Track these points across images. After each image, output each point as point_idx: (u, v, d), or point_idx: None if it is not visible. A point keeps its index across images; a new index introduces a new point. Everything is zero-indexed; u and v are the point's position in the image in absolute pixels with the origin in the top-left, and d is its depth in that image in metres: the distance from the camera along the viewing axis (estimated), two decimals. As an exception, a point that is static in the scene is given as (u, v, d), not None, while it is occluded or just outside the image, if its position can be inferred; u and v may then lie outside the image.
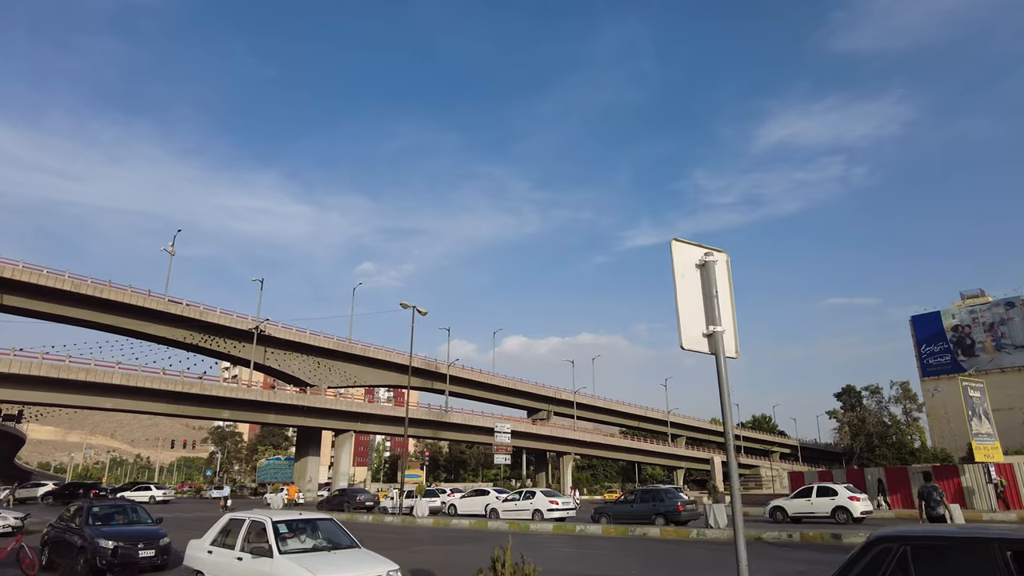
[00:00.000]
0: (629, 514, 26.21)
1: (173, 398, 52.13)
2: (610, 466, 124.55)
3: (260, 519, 10.42)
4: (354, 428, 64.83)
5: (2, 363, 43.56)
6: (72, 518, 16.20)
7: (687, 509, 25.60)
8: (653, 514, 25.42)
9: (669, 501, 25.76)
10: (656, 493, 27.02)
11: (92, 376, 47.42)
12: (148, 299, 54.30)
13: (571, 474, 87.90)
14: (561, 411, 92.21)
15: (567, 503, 30.56)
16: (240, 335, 60.07)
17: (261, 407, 57.40)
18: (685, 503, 25.94)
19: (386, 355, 70.45)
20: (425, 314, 36.53)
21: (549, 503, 29.83)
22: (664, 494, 26.64)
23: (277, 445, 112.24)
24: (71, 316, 52.48)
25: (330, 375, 66.64)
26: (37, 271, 49.15)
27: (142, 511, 16.98)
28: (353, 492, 39.67)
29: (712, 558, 17.06)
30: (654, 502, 26.07)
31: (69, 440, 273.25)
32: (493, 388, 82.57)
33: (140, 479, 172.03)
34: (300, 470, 64.92)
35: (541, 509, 29.58)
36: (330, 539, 10.67)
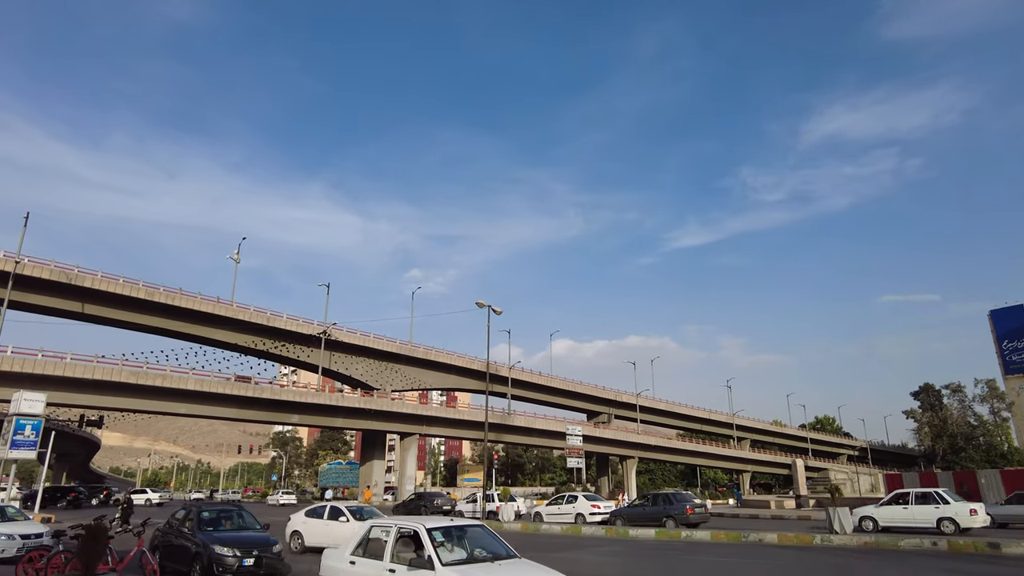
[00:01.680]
0: (642, 516, 27.61)
1: (243, 403, 52.54)
2: (668, 470, 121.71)
3: (412, 526, 9.44)
4: (419, 431, 64.46)
5: (86, 370, 44.52)
6: (182, 523, 15.67)
7: (696, 512, 26.85)
8: (664, 516, 26.64)
9: (679, 504, 27.11)
10: (667, 497, 28.36)
11: (168, 382, 48.09)
12: (217, 305, 55.01)
13: (635, 478, 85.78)
14: (622, 414, 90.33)
15: (608, 506, 31.34)
16: (305, 339, 60.38)
17: (328, 411, 57.44)
18: (694, 506, 27.33)
19: (447, 358, 70.03)
20: (500, 313, 35.57)
21: (591, 507, 30.55)
22: (674, 498, 28.03)
23: (336, 449, 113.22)
24: (145, 324, 53.48)
25: (393, 378, 66.47)
26: (114, 280, 50.25)
27: (248, 516, 16.33)
28: (430, 496, 38.90)
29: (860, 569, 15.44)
30: (665, 505, 27.50)
31: (135, 446, 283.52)
32: (553, 391, 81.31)
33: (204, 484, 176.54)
34: (365, 474, 64.84)
35: (583, 513, 30.27)
36: (486, 548, 9.62)
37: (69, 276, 47.85)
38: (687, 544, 21.82)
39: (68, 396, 45.53)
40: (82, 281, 48.50)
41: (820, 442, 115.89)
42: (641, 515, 27.72)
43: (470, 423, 66.99)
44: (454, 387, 73.39)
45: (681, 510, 26.61)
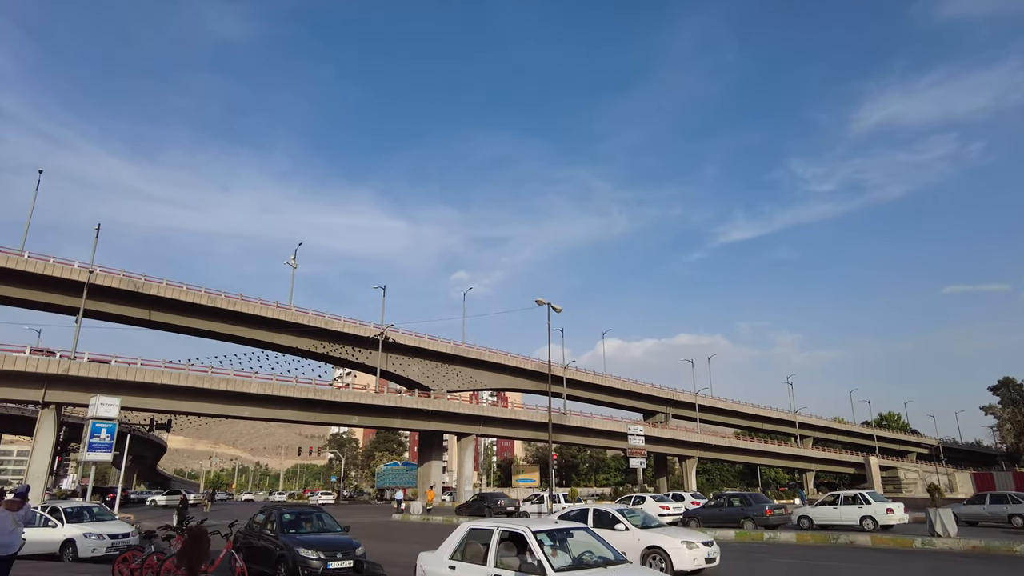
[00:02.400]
0: (718, 518, 26.65)
1: (306, 405, 53.32)
2: (727, 470, 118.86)
3: (516, 528, 8.96)
4: (475, 432, 64.40)
5: (155, 375, 45.82)
6: (264, 525, 15.64)
7: (776, 513, 26.03)
8: (742, 518, 25.80)
9: (757, 505, 26.33)
10: (744, 498, 27.77)
11: (232, 385, 49.13)
12: (276, 310, 56.00)
13: (695, 478, 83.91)
14: (679, 413, 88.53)
15: (677, 507, 30.64)
16: (362, 342, 60.97)
17: (387, 412, 57.85)
18: (774, 507, 26.62)
19: (501, 358, 69.79)
20: (560, 311, 34.99)
21: (660, 508, 29.81)
22: (752, 498, 27.46)
23: (391, 450, 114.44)
24: (208, 329, 54.80)
25: (448, 379, 66.60)
26: (178, 287, 51.65)
27: (328, 517, 16.20)
28: (493, 496, 38.67)
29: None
30: (742, 506, 26.71)
31: (197, 449, 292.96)
32: (608, 390, 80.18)
33: (263, 485, 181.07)
34: (424, 474, 65.09)
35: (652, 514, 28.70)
36: (594, 552, 9.08)
37: (137, 285, 49.39)
38: (772, 546, 20.85)
39: (138, 400, 46.98)
40: (149, 289, 49.99)
41: (887, 440, 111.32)
42: (717, 516, 26.78)
43: (526, 423, 66.57)
44: (508, 387, 73.14)
45: (760, 511, 25.67)
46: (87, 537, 18.09)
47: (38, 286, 46.76)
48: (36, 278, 46.15)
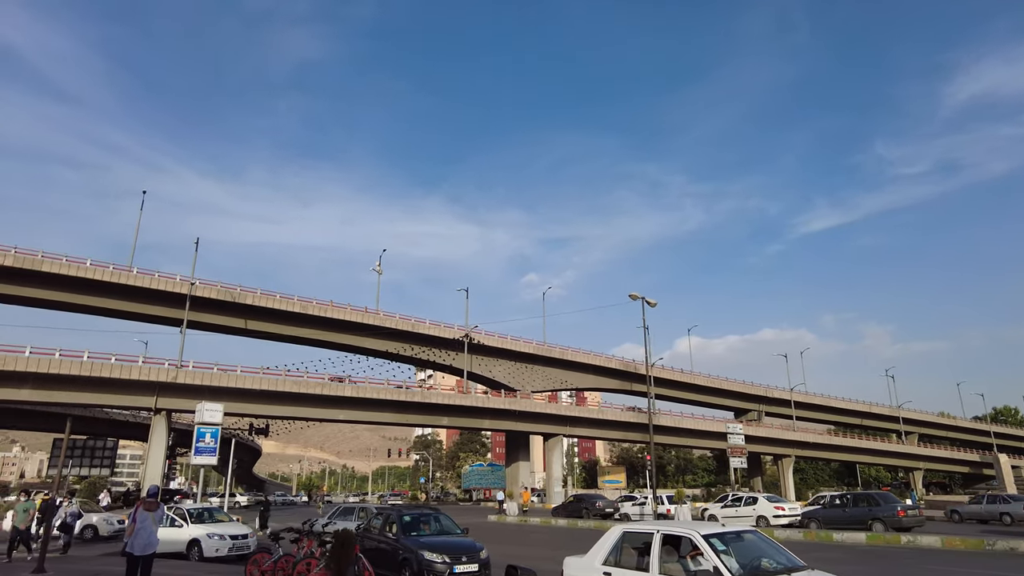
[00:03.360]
0: (842, 519, 25.01)
1: (398, 407, 54.03)
2: (821, 469, 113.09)
3: (683, 532, 8.16)
4: (563, 432, 63.63)
5: (254, 381, 47.49)
6: (384, 527, 15.41)
7: (909, 515, 24.25)
8: (869, 519, 24.14)
9: (887, 506, 24.55)
10: (870, 497, 25.98)
11: (326, 389, 50.32)
12: (365, 315, 57.06)
13: (791, 477, 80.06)
14: (771, 410, 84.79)
15: (793, 508, 28.94)
16: (447, 344, 61.31)
17: (475, 412, 57.93)
18: (907, 508, 24.93)
19: (584, 357, 68.72)
20: (655, 305, 33.75)
21: (775, 508, 28.26)
22: (880, 498, 25.65)
23: (475, 451, 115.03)
24: (299, 336, 56.41)
25: (531, 379, 66.11)
26: (271, 296, 53.42)
27: (446, 519, 15.81)
28: (591, 498, 37.83)
29: None
30: (869, 506, 24.93)
31: (287, 452, 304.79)
32: (695, 388, 77.64)
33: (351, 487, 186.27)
34: (512, 475, 64.80)
35: (766, 515, 27.96)
36: (771, 557, 8.14)
37: (233, 295, 51.37)
38: (915, 551, 19.08)
39: (239, 406, 48.69)
40: (244, 299, 51.91)
41: (1005, 436, 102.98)
42: (840, 517, 25.03)
43: (613, 423, 65.24)
44: (592, 387, 71.97)
45: (891, 512, 23.86)
46: (211, 538, 18.51)
47: (145, 299, 49.35)
48: (143, 292, 48.72)
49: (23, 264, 44.43)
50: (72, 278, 46.05)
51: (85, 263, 46.89)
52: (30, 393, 42.22)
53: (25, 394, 42.24)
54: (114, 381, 43.69)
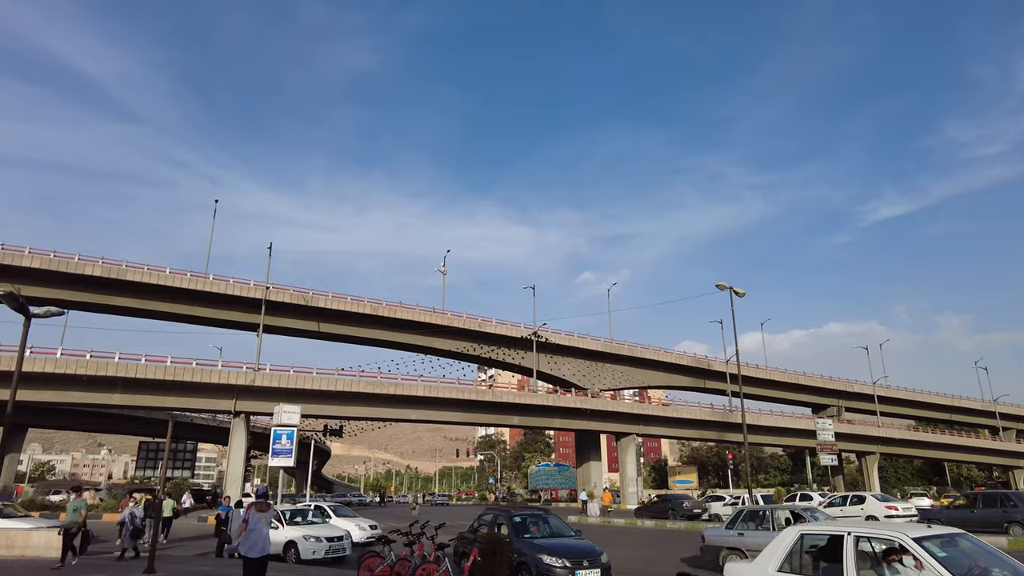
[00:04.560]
0: (970, 521, 22.56)
1: (469, 406, 53.70)
2: (903, 467, 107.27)
3: (889, 535, 6.98)
4: (636, 431, 62.02)
5: (329, 382, 47.90)
6: (492, 529, 14.63)
7: None
8: (1005, 522, 21.98)
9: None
10: (1006, 497, 23.66)
11: (400, 389, 50.36)
12: (433, 315, 56.97)
13: (876, 476, 76.02)
14: (852, 406, 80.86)
15: (907, 508, 26.58)
16: (513, 343, 60.70)
17: (547, 412, 57.05)
18: None
19: (654, 354, 66.95)
20: (743, 295, 32.07)
21: (886, 508, 25.91)
22: (1017, 499, 23.27)
23: (540, 451, 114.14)
24: (369, 337, 56.79)
25: (600, 377, 64.76)
26: (342, 298, 53.92)
27: (555, 520, 14.92)
28: (678, 498, 36.38)
29: None
30: (1004, 508, 22.69)
31: (352, 454, 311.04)
32: (772, 384, 74.54)
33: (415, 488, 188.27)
34: (583, 475, 63.61)
35: (877, 516, 25.61)
36: (996, 567, 6.88)
37: (306, 298, 52.02)
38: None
39: (314, 408, 49.19)
40: (317, 302, 52.52)
41: None
42: (968, 519, 22.69)
43: (689, 421, 63.18)
44: (663, 384, 70.08)
45: None
46: (307, 539, 18.16)
47: (221, 305, 50.51)
48: (219, 297, 49.85)
49: (109, 273, 46.02)
50: (153, 286, 47.47)
51: (164, 271, 48.29)
52: (120, 397, 43.65)
53: (116, 398, 43.69)
54: (195, 385, 44.75)
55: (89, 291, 46.81)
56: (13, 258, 43.86)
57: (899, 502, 26.81)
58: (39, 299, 46.60)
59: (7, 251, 44.01)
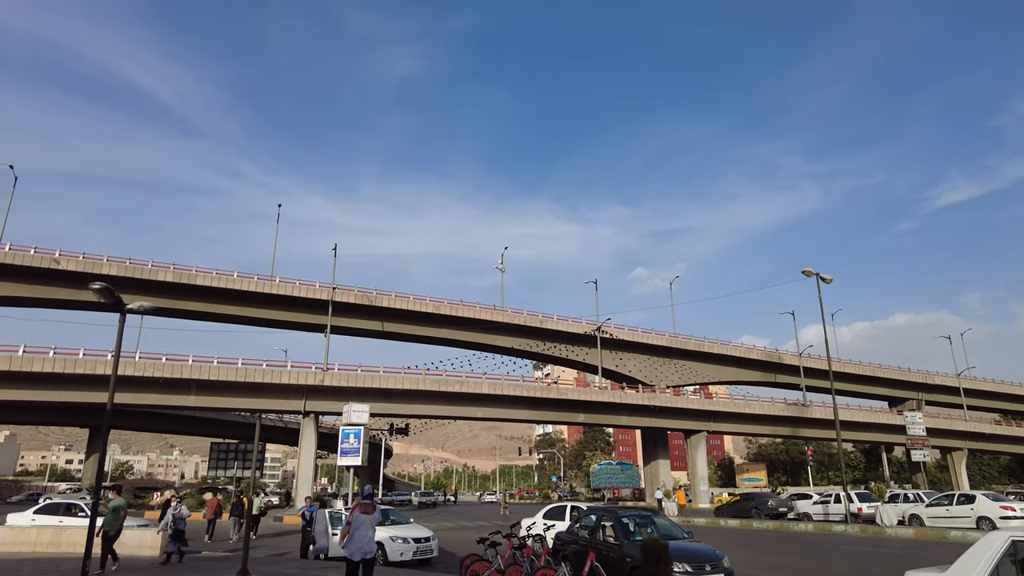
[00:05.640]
0: None
1: (533, 404, 53.01)
2: (988, 464, 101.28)
3: None
4: (707, 428, 60.07)
5: (396, 380, 47.94)
6: (597, 530, 13.76)
7: None
8: None
9: None
10: None
11: (465, 387, 50.03)
12: (494, 312, 56.48)
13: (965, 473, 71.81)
14: (933, 399, 76.72)
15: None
16: (575, 339, 59.72)
17: (612, 409, 55.81)
18: None
19: (723, 348, 64.83)
20: (830, 281, 30.34)
21: (1001, 509, 23.61)
22: None
23: (600, 449, 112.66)
24: (431, 336, 56.64)
25: (665, 373, 63.06)
26: (405, 298, 53.92)
27: (664, 521, 13.92)
28: (762, 496, 34.75)
29: None
30: None
31: (411, 453, 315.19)
32: (845, 377, 71.14)
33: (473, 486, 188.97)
34: (651, 474, 62.03)
35: (990, 516, 23.54)
36: None
37: (370, 298, 52.20)
38: None
39: (381, 406, 49.27)
40: (380, 301, 52.64)
41: None
42: None
43: (761, 417, 60.86)
44: (732, 380, 67.77)
45: None
46: (394, 541, 17.65)
47: (287, 307, 51.10)
48: (286, 299, 50.46)
49: (180, 278, 47.09)
50: (221, 289, 48.36)
51: (232, 275, 49.14)
52: (195, 399, 44.57)
53: (191, 400, 44.63)
54: (266, 386, 45.37)
55: (161, 296, 47.93)
56: (93, 266, 45.33)
57: (1015, 502, 24.56)
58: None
59: (88, 260, 45.51)
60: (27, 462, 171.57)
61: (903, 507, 28.07)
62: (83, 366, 40.81)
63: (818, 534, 25.80)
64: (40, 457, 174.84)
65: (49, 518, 21.57)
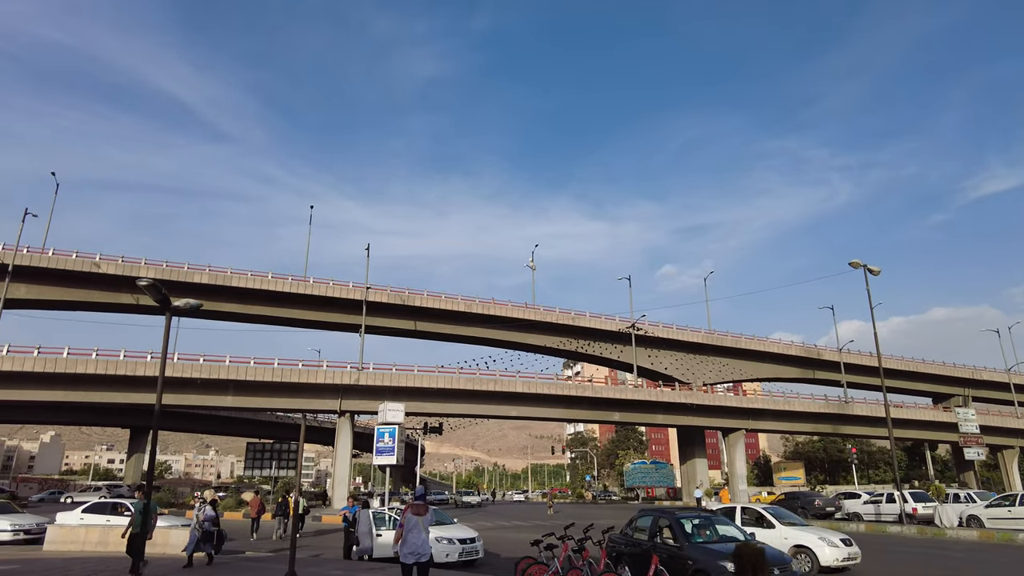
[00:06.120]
0: None
1: (567, 402, 52.49)
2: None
3: None
4: (746, 426, 58.84)
5: (430, 379, 47.83)
6: (654, 532, 13.26)
7: None
8: None
9: None
10: None
11: (498, 386, 49.70)
12: (526, 310, 56.06)
13: (1016, 472, 69.38)
14: (980, 395, 74.28)
15: None
16: (609, 336, 59.01)
17: (649, 407, 55.02)
18: None
19: (760, 344, 63.50)
20: (878, 273, 29.28)
21: None
22: None
23: (634, 448, 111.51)
24: (463, 334, 56.40)
25: (702, 370, 61.97)
26: (437, 297, 53.81)
27: (722, 521, 13.36)
28: (807, 496, 33.90)
29: None
30: None
31: (441, 452, 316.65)
32: (886, 372, 69.05)
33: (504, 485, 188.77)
34: (688, 473, 61.04)
35: None
36: None
37: (403, 298, 52.17)
38: None
39: (415, 405, 49.18)
40: (413, 301, 52.59)
41: None
42: None
43: (801, 414, 59.43)
44: (770, 376, 66.28)
45: None
46: (439, 542, 17.24)
47: (321, 307, 51.32)
48: (319, 300, 50.68)
49: (215, 280, 47.58)
50: (256, 291, 48.73)
51: (267, 276, 49.51)
52: (232, 399, 44.97)
53: (228, 400, 45.04)
54: (302, 386, 45.58)
55: (198, 298, 48.46)
56: (132, 269, 46.03)
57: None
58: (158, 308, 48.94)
59: (127, 263, 46.25)
60: (71, 461, 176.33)
61: (958, 507, 26.99)
62: (124, 367, 41.41)
63: (872, 535, 24.89)
64: (84, 457, 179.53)
65: (97, 517, 21.72)
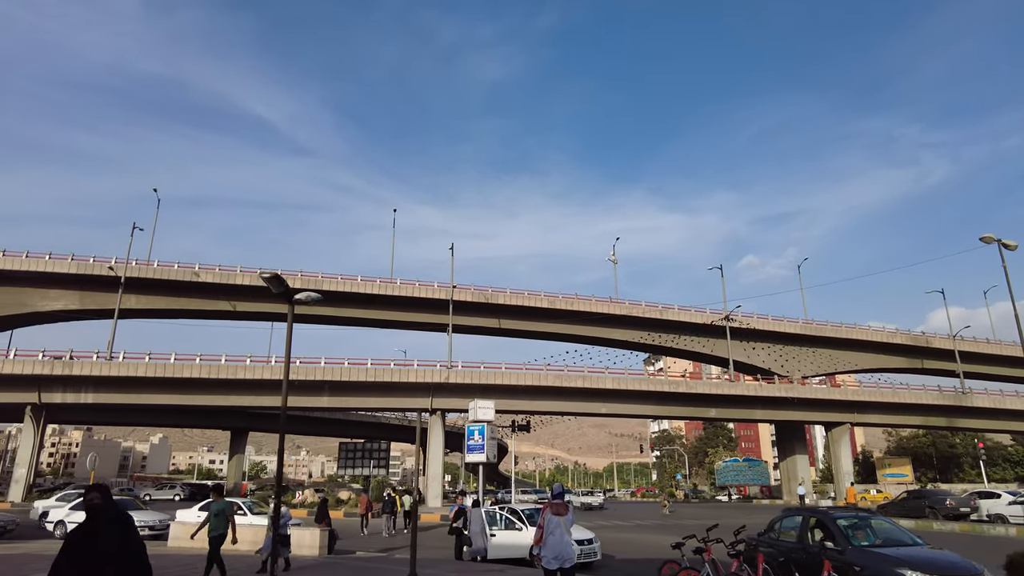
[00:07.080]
0: None
1: (659, 399, 50.94)
2: None
3: None
4: (851, 420, 55.57)
5: (518, 376, 47.52)
6: (806, 534, 12.12)
7: None
8: None
9: None
10: None
11: (587, 382, 48.81)
12: (611, 304, 54.96)
13: None
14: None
15: None
16: (697, 329, 57.04)
17: (746, 402, 52.76)
18: None
19: (862, 333, 59.82)
20: (1015, 247, 26.60)
21: None
22: None
23: (723, 446, 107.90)
24: (546, 331, 55.89)
25: (799, 362, 58.93)
26: (520, 294, 53.47)
27: (883, 522, 12.02)
28: (937, 494, 31.21)
29: None
30: None
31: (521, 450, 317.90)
32: (1005, 361, 63.71)
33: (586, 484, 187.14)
34: (788, 470, 58.11)
35: None
36: None
37: (486, 296, 52.11)
38: None
39: (503, 403, 48.73)
40: (496, 299, 52.45)
41: None
42: None
43: (910, 406, 55.42)
44: (873, 367, 62.30)
45: None
46: (554, 542, 16.62)
47: (407, 307, 51.98)
48: (406, 300, 51.35)
49: (307, 284, 48.78)
50: (347, 294, 49.75)
51: (356, 279, 50.52)
52: (328, 400, 46.06)
53: (323, 401, 46.16)
54: (394, 385, 46.18)
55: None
56: (229, 277, 48.03)
57: None
58: (252, 313, 50.88)
59: (223, 271, 48.26)
60: (177, 462, 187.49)
61: None
62: (225, 371, 43.12)
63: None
64: (188, 457, 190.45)
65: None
